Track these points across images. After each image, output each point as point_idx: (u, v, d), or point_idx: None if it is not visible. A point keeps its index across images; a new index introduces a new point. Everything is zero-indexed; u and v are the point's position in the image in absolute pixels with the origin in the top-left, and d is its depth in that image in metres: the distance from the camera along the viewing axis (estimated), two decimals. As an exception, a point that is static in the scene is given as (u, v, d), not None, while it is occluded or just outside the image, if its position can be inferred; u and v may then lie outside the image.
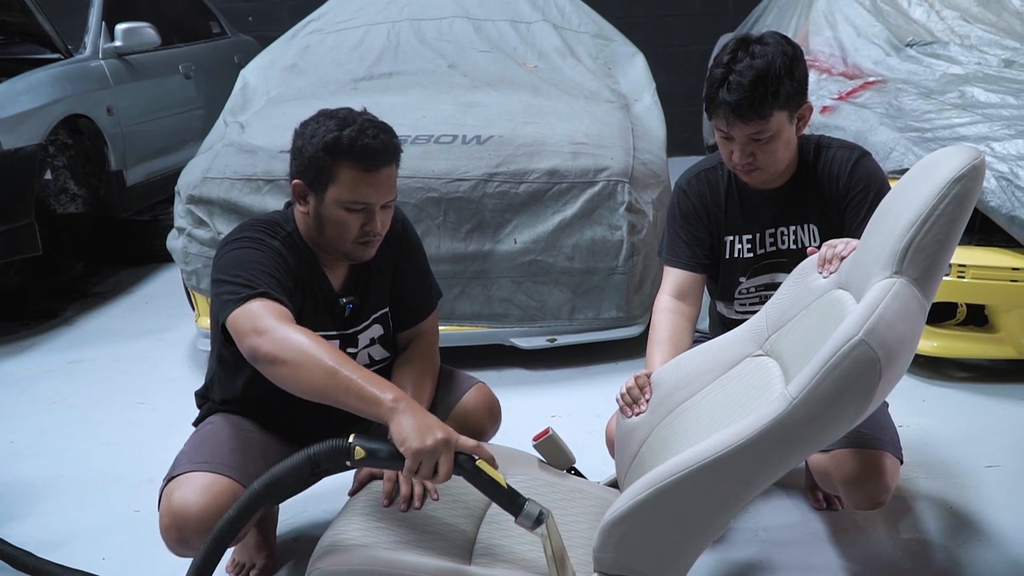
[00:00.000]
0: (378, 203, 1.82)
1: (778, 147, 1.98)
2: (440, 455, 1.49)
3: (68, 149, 4.33)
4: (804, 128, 2.04)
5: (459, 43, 4.35)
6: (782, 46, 1.92)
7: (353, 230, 1.83)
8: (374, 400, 1.54)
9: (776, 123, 1.93)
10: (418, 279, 2.10)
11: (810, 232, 2.11)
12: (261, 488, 1.51)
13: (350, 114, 1.82)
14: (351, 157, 1.76)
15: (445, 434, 1.49)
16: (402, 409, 1.52)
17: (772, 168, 2.02)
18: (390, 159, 1.81)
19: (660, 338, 2.08)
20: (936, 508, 2.38)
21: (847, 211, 2.06)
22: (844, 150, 2.10)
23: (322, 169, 1.79)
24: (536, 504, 1.51)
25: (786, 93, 1.90)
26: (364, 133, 1.77)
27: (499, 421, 2.13)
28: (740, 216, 2.15)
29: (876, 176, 2.06)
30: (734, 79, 1.89)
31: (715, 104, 1.94)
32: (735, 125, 1.93)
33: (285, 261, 1.84)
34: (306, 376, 1.58)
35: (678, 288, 2.16)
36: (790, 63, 1.91)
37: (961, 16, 4.16)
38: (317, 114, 1.84)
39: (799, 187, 2.10)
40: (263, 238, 1.85)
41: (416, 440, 1.47)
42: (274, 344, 1.61)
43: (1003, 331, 3.00)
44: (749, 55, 1.90)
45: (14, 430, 3.05)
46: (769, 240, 2.15)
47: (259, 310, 1.67)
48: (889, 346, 1.32)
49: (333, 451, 1.50)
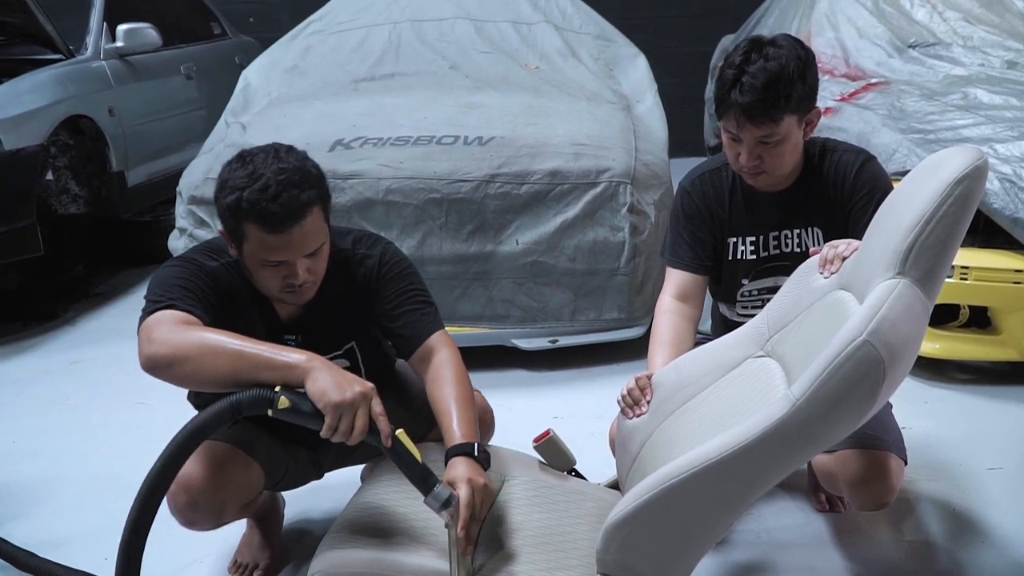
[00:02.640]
0: (296, 257, 1.71)
1: (785, 151, 1.97)
2: (358, 408, 1.49)
3: (69, 150, 4.33)
4: (812, 132, 2.03)
5: (460, 44, 4.36)
6: (796, 49, 1.91)
7: (275, 282, 1.75)
8: (288, 366, 1.53)
9: (786, 127, 1.92)
10: (403, 309, 1.91)
11: (814, 235, 2.11)
12: (188, 432, 1.51)
13: (264, 162, 1.67)
14: (253, 220, 1.65)
15: (363, 387, 1.50)
16: (317, 367, 1.52)
17: (778, 172, 2.01)
18: (298, 218, 1.66)
19: (662, 339, 2.07)
20: (938, 510, 2.38)
21: (851, 214, 2.05)
22: (850, 153, 2.09)
23: (233, 227, 1.70)
24: (447, 488, 1.53)
25: (798, 97, 1.89)
26: (265, 194, 1.63)
27: (492, 429, 2.13)
28: (744, 218, 2.14)
29: (881, 180, 2.05)
30: (747, 81, 1.87)
31: (726, 105, 1.92)
32: (745, 127, 1.92)
33: (214, 279, 1.77)
34: (211, 365, 1.55)
35: (680, 289, 2.15)
36: (803, 67, 1.90)
37: (964, 17, 4.16)
38: (237, 156, 1.72)
39: (804, 190, 2.09)
40: (198, 258, 1.80)
41: (335, 393, 1.48)
42: (168, 346, 1.57)
43: (1006, 333, 2.99)
44: (763, 57, 1.89)
45: (14, 430, 3.05)
46: (773, 243, 2.14)
47: (155, 320, 1.63)
48: (893, 347, 1.31)
49: (257, 398, 1.51)
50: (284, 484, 2.06)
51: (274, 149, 1.72)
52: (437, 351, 1.87)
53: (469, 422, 1.72)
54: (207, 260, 1.80)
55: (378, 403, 1.53)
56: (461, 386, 1.80)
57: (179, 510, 1.82)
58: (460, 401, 1.76)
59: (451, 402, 1.75)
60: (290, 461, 1.99)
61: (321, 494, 2.25)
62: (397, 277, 1.92)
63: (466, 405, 1.76)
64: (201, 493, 1.79)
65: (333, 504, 2.22)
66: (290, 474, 2.01)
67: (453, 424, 1.71)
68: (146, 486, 1.52)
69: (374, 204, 3.14)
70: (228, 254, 1.81)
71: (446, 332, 1.92)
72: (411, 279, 1.94)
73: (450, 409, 1.74)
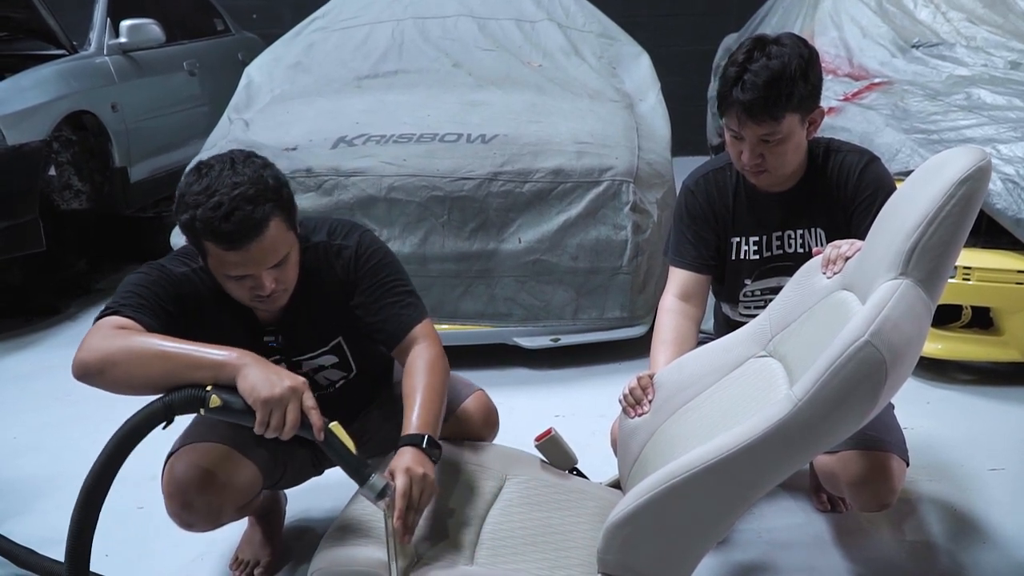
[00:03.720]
0: (258, 271, 1.67)
1: (788, 150, 1.96)
2: (288, 403, 1.50)
3: (72, 145, 4.33)
4: (815, 132, 2.02)
5: (464, 42, 4.35)
6: (799, 48, 1.90)
7: (243, 293, 1.72)
8: (218, 364, 1.54)
9: (788, 125, 1.91)
10: (384, 302, 1.87)
11: (817, 236, 2.10)
12: (123, 434, 1.53)
13: (219, 175, 1.62)
14: (209, 239, 1.62)
15: (293, 382, 1.51)
16: (248, 363, 1.53)
17: (780, 171, 2.00)
18: (254, 234, 1.61)
19: (664, 339, 2.07)
20: (940, 511, 2.37)
21: (854, 215, 2.04)
22: (854, 154, 2.08)
23: (193, 242, 1.68)
24: (382, 478, 1.54)
25: (800, 96, 1.88)
26: (218, 212, 1.58)
27: (496, 429, 2.11)
28: (747, 217, 2.13)
29: (885, 181, 2.05)
30: (748, 78, 1.87)
31: (728, 103, 1.92)
32: (746, 125, 1.91)
33: (178, 285, 1.75)
34: (141, 369, 1.55)
35: (683, 289, 2.15)
36: (806, 65, 1.89)
37: (967, 18, 4.15)
38: (194, 168, 1.67)
39: (807, 190, 2.08)
40: (166, 264, 1.78)
41: (265, 389, 1.49)
42: (97, 352, 1.57)
43: (1008, 334, 2.99)
44: (765, 55, 1.88)
45: (16, 426, 3.05)
46: (776, 243, 2.13)
47: (94, 328, 1.63)
48: (895, 347, 1.31)
49: (189, 398, 1.52)
50: (283, 483, 2.05)
51: (231, 159, 1.67)
52: (416, 343, 1.84)
53: (428, 412, 1.71)
54: (177, 266, 1.78)
55: (309, 397, 1.54)
56: (431, 375, 1.77)
57: (175, 513, 1.82)
58: (425, 390, 1.74)
59: (415, 393, 1.74)
60: (288, 460, 1.97)
61: (322, 492, 2.25)
62: (375, 268, 1.87)
63: (430, 395, 1.74)
64: (196, 496, 1.78)
65: (334, 502, 2.22)
66: (289, 473, 2.00)
67: (412, 415, 1.71)
68: (83, 495, 1.52)
69: (377, 201, 3.14)
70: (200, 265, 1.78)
71: (428, 323, 1.89)
72: (390, 269, 1.89)
73: (413, 399, 1.73)
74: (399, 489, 1.55)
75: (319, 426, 1.54)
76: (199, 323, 1.75)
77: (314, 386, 1.80)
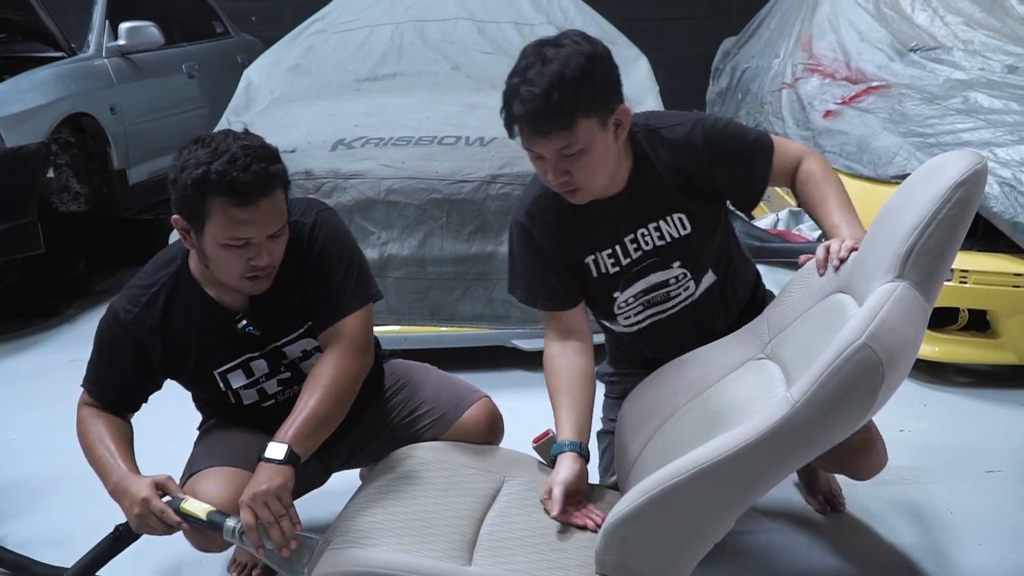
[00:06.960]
0: (261, 236, 1.68)
1: (594, 161, 1.74)
2: (146, 516, 1.68)
3: (71, 147, 4.34)
4: (624, 135, 1.80)
5: (463, 45, 4.36)
6: (578, 46, 1.70)
7: (238, 267, 1.70)
8: (105, 480, 1.78)
9: (584, 134, 1.69)
10: (321, 281, 1.84)
11: (675, 222, 1.92)
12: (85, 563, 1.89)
13: (224, 140, 1.65)
14: (222, 192, 1.61)
15: (136, 495, 1.68)
16: (111, 489, 1.74)
17: (593, 184, 1.79)
18: (267, 189, 1.64)
19: (557, 395, 1.90)
20: (936, 512, 2.38)
21: (714, 176, 1.88)
22: (680, 127, 1.89)
23: (195, 206, 1.65)
24: (231, 520, 1.66)
25: (586, 99, 1.67)
26: (234, 165, 1.61)
27: (501, 436, 2.08)
28: (593, 233, 1.93)
29: (720, 127, 1.90)
30: (525, 90, 1.66)
31: (511, 119, 1.72)
32: (535, 141, 1.71)
33: (126, 330, 1.83)
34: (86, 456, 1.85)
35: (561, 329, 1.98)
36: (588, 64, 1.68)
37: (965, 22, 4.16)
38: (192, 141, 1.69)
39: (644, 183, 1.88)
40: (119, 313, 1.84)
41: (126, 513, 1.71)
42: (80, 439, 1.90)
43: (1004, 336, 3.00)
44: (541, 60, 1.68)
45: (15, 427, 3.06)
46: (632, 246, 1.93)
47: (78, 408, 1.96)
48: (892, 350, 1.32)
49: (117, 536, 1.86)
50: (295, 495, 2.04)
51: (232, 132, 1.71)
52: (335, 343, 1.82)
53: (301, 431, 1.71)
54: (124, 313, 1.84)
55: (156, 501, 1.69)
56: (323, 399, 1.75)
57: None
58: (310, 412, 1.73)
59: (302, 409, 1.74)
60: (303, 472, 1.95)
61: (320, 495, 2.25)
62: (323, 245, 1.84)
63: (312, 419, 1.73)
64: None
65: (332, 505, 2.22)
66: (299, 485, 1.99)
67: (287, 426, 1.72)
68: None
69: (375, 204, 3.15)
70: (167, 271, 1.84)
71: (362, 317, 1.85)
72: (336, 247, 1.85)
73: (297, 412, 1.74)
74: (245, 525, 1.61)
75: (175, 521, 1.68)
76: (170, 338, 1.84)
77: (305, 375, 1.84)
